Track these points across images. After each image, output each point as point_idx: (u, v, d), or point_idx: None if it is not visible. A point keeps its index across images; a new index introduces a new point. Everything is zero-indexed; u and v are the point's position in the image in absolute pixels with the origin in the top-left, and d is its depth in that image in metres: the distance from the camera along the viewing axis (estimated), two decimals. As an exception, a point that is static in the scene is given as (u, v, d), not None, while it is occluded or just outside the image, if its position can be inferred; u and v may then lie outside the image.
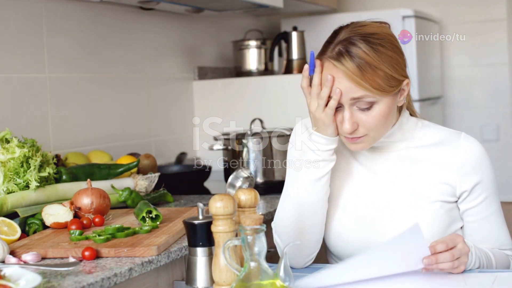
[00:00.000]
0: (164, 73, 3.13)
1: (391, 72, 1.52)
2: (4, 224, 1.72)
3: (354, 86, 1.51)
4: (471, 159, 1.62)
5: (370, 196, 1.66)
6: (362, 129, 1.56)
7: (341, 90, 1.52)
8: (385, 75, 1.52)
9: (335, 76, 1.53)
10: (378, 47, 1.52)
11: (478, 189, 1.63)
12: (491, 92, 3.90)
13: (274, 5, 3.01)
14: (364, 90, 1.51)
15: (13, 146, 1.92)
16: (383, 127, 1.58)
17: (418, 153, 1.65)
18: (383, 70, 1.51)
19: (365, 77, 1.50)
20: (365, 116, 1.54)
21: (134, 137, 2.91)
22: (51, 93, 2.47)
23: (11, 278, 1.30)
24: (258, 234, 1.25)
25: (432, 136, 1.66)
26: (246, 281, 1.25)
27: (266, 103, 3.16)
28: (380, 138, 1.61)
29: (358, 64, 1.50)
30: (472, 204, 1.63)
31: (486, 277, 1.46)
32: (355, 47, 1.51)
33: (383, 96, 1.53)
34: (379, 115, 1.54)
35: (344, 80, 1.51)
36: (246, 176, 1.87)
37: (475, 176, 1.62)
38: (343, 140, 1.61)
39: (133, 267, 1.50)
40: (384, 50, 1.53)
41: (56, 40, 2.50)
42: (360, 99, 1.52)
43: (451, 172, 1.62)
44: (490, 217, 1.65)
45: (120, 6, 2.83)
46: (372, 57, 1.51)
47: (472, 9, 3.91)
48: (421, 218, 1.59)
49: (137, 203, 2.04)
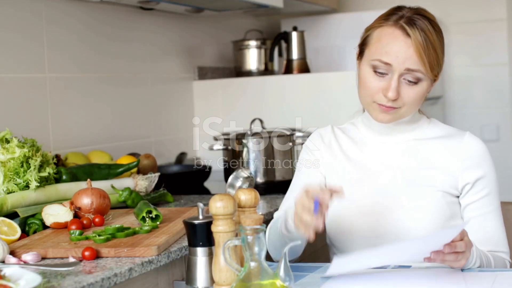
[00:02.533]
0: (164, 73, 3.13)
1: (441, 60, 1.63)
2: (4, 224, 1.72)
3: (416, 57, 1.57)
4: (475, 154, 1.66)
5: (374, 186, 1.68)
6: (400, 101, 1.61)
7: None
8: (437, 59, 1.61)
9: (402, 41, 1.57)
10: (438, 34, 1.62)
11: (480, 184, 1.65)
12: (491, 92, 3.90)
13: (274, 5, 3.01)
14: (422, 65, 1.58)
15: (13, 146, 1.92)
16: (415, 106, 1.65)
17: (423, 145, 1.69)
18: (438, 53, 1.61)
19: (427, 53, 1.57)
20: (410, 89, 1.61)
21: (134, 137, 2.91)
22: (51, 93, 2.47)
23: (11, 278, 1.30)
24: (258, 234, 1.25)
25: (438, 131, 1.72)
26: (246, 281, 1.25)
27: (266, 103, 3.16)
28: (406, 116, 1.66)
29: (425, 38, 1.58)
30: (473, 198, 1.66)
31: (486, 277, 1.46)
32: (423, 24, 1.59)
33: (429, 77, 1.61)
34: (420, 93, 1.62)
35: (411, 49, 1.57)
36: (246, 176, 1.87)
37: (479, 170, 1.65)
38: (373, 107, 1.64)
39: (133, 267, 1.50)
40: (441, 39, 1.63)
41: (56, 40, 2.50)
42: (414, 72, 1.59)
43: (455, 165, 1.66)
44: (489, 214, 1.66)
45: (120, 6, 2.83)
46: (434, 38, 1.59)
47: (472, 9, 3.91)
48: (423, 206, 1.63)
49: (137, 203, 2.04)
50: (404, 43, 1.58)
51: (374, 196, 1.67)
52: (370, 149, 1.73)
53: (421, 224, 1.62)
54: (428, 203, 1.64)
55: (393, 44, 1.58)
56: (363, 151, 1.73)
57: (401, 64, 1.58)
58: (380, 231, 1.64)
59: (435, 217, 1.63)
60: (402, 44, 1.58)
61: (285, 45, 3.40)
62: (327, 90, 3.05)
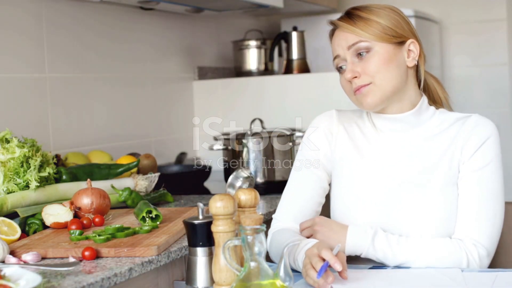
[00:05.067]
0: (164, 73, 3.14)
1: (386, 23, 1.63)
2: (4, 224, 1.72)
3: (348, 34, 1.63)
4: (481, 134, 1.62)
5: (382, 182, 1.66)
6: (364, 77, 1.62)
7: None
8: (378, 24, 1.63)
9: (339, 33, 1.66)
10: (372, 7, 1.65)
11: (479, 153, 1.61)
12: (491, 92, 3.90)
13: (274, 5, 3.01)
14: (357, 36, 1.62)
15: (13, 146, 1.92)
16: (387, 74, 1.63)
17: (431, 142, 1.66)
18: (376, 20, 1.63)
19: (357, 24, 1.63)
20: (365, 62, 1.62)
21: (134, 137, 2.91)
22: (51, 93, 2.47)
23: (11, 278, 1.30)
24: (258, 234, 1.25)
25: (446, 120, 1.68)
26: (246, 281, 1.25)
27: (266, 103, 3.16)
28: (388, 89, 1.63)
29: (351, 17, 1.65)
30: (470, 167, 1.61)
31: (486, 277, 1.46)
32: (351, 10, 1.67)
33: (378, 42, 1.62)
34: (378, 60, 1.62)
35: (344, 31, 1.64)
36: (246, 176, 1.87)
37: (480, 140, 1.61)
38: (354, 99, 1.66)
39: (133, 267, 1.50)
40: (378, 10, 1.65)
41: (56, 40, 2.50)
42: (355, 44, 1.63)
43: (459, 142, 1.63)
44: (475, 190, 1.60)
45: (120, 6, 2.83)
46: (365, 13, 1.64)
47: (472, 9, 3.91)
48: (432, 202, 1.60)
49: (137, 203, 2.04)
50: (340, 32, 1.66)
51: (380, 193, 1.66)
52: (381, 144, 1.70)
53: (428, 221, 1.60)
54: (436, 198, 1.61)
55: (334, 39, 1.68)
56: (374, 146, 1.71)
57: (344, 48, 1.64)
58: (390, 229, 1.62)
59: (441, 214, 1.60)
60: (339, 34, 1.66)
61: (285, 45, 3.41)
62: (327, 90, 3.05)
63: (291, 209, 1.73)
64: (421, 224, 1.61)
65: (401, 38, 1.64)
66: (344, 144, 1.73)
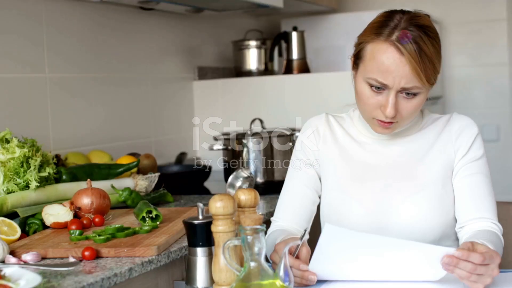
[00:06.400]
0: (164, 73, 3.14)
1: (438, 67, 1.58)
2: (4, 224, 1.72)
3: (411, 75, 1.53)
4: (465, 132, 1.70)
5: (368, 182, 1.69)
6: (398, 116, 1.60)
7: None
8: (434, 69, 1.57)
9: (397, 60, 1.53)
10: (433, 41, 1.56)
11: (475, 147, 1.69)
12: (491, 92, 3.90)
13: (274, 5, 3.01)
14: (418, 81, 1.55)
15: (13, 146, 1.92)
16: (414, 116, 1.64)
17: (418, 139, 1.71)
18: (435, 63, 1.56)
19: (422, 67, 1.53)
20: (408, 104, 1.58)
21: (134, 137, 2.91)
22: (51, 93, 2.47)
23: (11, 278, 1.30)
24: (258, 234, 1.25)
25: (428, 120, 1.73)
26: (246, 281, 1.25)
27: (266, 103, 3.16)
28: (404, 126, 1.66)
29: (419, 52, 1.53)
30: (469, 158, 1.67)
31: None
32: (417, 35, 1.54)
33: (427, 88, 1.59)
34: (418, 105, 1.60)
35: (406, 67, 1.53)
36: (246, 176, 1.87)
37: (471, 136, 1.69)
38: (372, 122, 1.64)
39: (133, 267, 1.50)
40: (436, 46, 1.57)
41: (56, 40, 2.50)
42: (411, 88, 1.56)
43: (449, 139, 1.69)
44: (478, 176, 1.67)
45: (120, 6, 2.83)
46: (430, 51, 1.54)
47: (472, 9, 3.91)
48: (423, 201, 1.64)
49: (137, 203, 2.04)
50: (399, 61, 1.53)
51: (371, 194, 1.67)
52: (366, 146, 1.73)
53: (421, 218, 1.63)
54: (429, 197, 1.64)
55: (387, 63, 1.54)
56: (360, 147, 1.73)
57: (397, 84, 1.55)
58: (379, 229, 1.64)
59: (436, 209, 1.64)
60: (397, 63, 1.53)
61: (285, 45, 3.41)
62: (327, 90, 3.05)
63: (287, 210, 1.75)
64: (410, 222, 1.63)
65: (437, 79, 1.61)
66: (332, 146, 1.75)
